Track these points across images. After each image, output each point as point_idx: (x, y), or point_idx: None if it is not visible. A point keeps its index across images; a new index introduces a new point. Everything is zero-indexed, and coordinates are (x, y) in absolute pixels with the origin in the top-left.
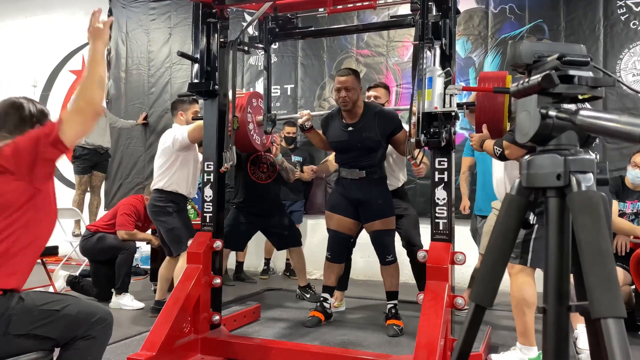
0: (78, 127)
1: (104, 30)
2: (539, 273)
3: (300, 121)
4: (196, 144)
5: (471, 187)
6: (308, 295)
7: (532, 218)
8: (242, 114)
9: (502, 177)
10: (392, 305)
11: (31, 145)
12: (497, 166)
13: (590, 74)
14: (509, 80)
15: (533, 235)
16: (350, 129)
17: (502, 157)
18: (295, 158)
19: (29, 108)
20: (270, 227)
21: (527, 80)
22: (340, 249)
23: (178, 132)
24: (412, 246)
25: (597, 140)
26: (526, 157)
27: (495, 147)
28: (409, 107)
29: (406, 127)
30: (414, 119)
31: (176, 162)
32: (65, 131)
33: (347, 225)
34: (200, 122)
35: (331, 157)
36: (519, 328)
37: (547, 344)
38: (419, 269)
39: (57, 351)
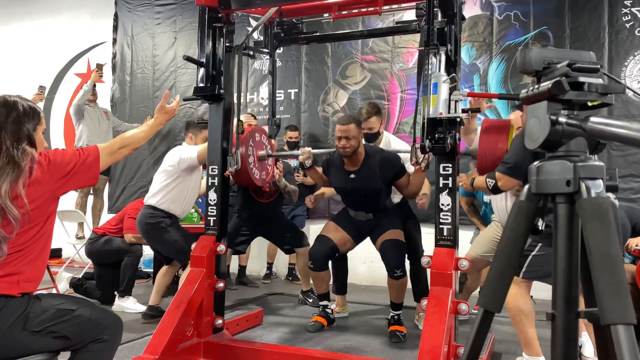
0: (110, 163)
1: (174, 109)
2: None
3: (300, 158)
4: (201, 167)
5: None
6: (310, 300)
7: (540, 224)
8: (244, 148)
9: (504, 206)
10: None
11: (70, 167)
12: (499, 196)
13: (600, 80)
14: (512, 131)
15: (534, 252)
16: (352, 176)
17: (495, 190)
18: (295, 163)
19: (22, 105)
20: (274, 232)
21: (537, 86)
22: (322, 256)
23: (185, 152)
24: (415, 252)
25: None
26: (536, 163)
27: (487, 180)
28: (410, 147)
29: (409, 169)
30: (418, 126)
31: (175, 182)
32: (100, 165)
33: (344, 239)
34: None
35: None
36: (522, 339)
37: (556, 351)
38: (417, 272)
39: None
